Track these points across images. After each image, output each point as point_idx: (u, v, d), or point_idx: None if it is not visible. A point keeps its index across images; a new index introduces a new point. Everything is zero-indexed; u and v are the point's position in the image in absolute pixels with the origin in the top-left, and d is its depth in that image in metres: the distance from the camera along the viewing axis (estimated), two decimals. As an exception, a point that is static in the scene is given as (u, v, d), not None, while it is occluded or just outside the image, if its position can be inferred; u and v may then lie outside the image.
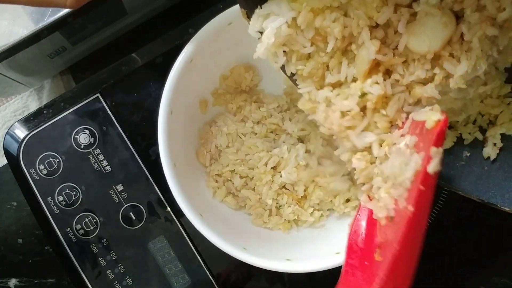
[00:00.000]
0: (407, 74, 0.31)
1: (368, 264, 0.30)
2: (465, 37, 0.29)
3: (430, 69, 0.30)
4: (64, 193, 0.45)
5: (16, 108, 0.58)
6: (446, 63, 0.29)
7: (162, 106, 0.38)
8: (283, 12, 0.30)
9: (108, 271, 0.44)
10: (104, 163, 0.45)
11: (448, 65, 0.29)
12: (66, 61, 0.54)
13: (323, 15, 0.30)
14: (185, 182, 0.40)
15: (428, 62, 0.30)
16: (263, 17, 0.31)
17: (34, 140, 0.46)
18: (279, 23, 0.30)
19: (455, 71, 0.29)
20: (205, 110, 0.46)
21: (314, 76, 0.33)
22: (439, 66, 0.30)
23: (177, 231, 0.45)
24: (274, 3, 0.31)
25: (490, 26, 0.28)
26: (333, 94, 0.32)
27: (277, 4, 0.31)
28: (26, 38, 0.42)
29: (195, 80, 0.42)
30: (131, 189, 0.45)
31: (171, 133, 0.39)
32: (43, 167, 0.45)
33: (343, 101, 0.31)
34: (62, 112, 0.46)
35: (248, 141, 0.44)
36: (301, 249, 0.41)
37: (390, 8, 0.29)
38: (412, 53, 0.30)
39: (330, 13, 0.30)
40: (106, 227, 0.45)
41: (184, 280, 0.44)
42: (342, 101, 0.31)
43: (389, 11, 0.29)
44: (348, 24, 0.30)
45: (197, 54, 0.39)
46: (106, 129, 0.46)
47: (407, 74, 0.31)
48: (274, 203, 0.43)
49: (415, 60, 0.30)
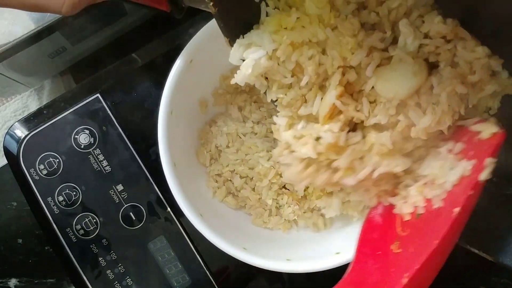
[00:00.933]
0: (371, 116, 0.31)
1: (381, 254, 0.31)
2: (434, 90, 0.29)
3: (394, 114, 0.30)
4: (64, 193, 0.45)
5: (16, 108, 0.58)
6: (412, 112, 0.29)
7: (162, 106, 0.38)
8: (264, 43, 0.30)
9: (108, 271, 0.44)
10: (104, 163, 0.45)
11: (413, 114, 0.29)
12: (66, 61, 0.54)
13: (301, 50, 0.30)
14: (185, 182, 0.40)
15: (394, 107, 0.30)
16: (245, 47, 0.31)
17: (34, 140, 0.46)
18: (259, 55, 0.30)
19: (418, 122, 0.29)
20: (205, 110, 0.46)
21: (293, 106, 0.33)
22: (404, 114, 0.30)
23: (177, 231, 0.45)
24: (256, 33, 0.31)
25: (461, 84, 0.28)
26: (293, 139, 0.32)
27: (259, 35, 0.31)
28: (26, 38, 0.42)
29: (195, 80, 0.42)
30: (131, 189, 0.45)
31: (171, 133, 0.39)
32: (43, 167, 0.45)
33: (302, 148, 0.31)
34: (62, 112, 0.46)
35: (248, 141, 0.44)
36: (301, 249, 0.41)
37: (363, 52, 0.30)
38: (379, 96, 0.30)
39: (308, 49, 0.30)
40: (106, 227, 0.45)
41: (184, 280, 0.44)
42: (301, 147, 0.31)
43: (361, 54, 0.30)
44: (323, 62, 0.31)
45: (197, 54, 0.39)
46: (106, 129, 0.46)
47: (371, 116, 0.31)
48: (274, 203, 0.43)
49: (381, 103, 0.31)
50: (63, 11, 0.32)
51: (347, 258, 0.36)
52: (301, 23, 0.31)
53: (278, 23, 0.31)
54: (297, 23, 0.31)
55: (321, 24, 0.30)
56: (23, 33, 0.41)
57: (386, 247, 0.31)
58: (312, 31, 0.30)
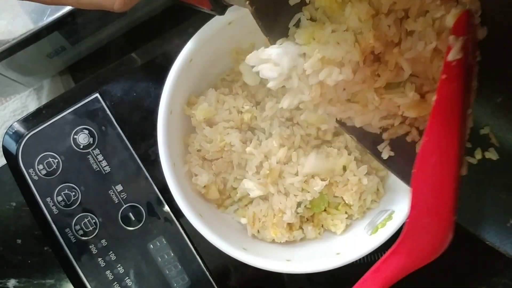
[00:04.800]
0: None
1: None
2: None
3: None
4: (63, 194, 0.45)
5: (15, 108, 0.58)
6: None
7: (161, 106, 0.38)
8: (283, 64, 0.29)
9: (108, 271, 0.44)
10: (103, 163, 0.45)
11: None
12: (65, 61, 0.54)
13: (331, 69, 0.29)
14: (185, 182, 0.40)
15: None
16: (260, 60, 0.30)
17: (33, 140, 0.45)
18: (272, 75, 0.29)
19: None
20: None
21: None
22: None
23: (177, 231, 0.45)
24: (276, 52, 0.29)
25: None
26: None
27: (279, 55, 0.29)
28: (25, 38, 0.42)
29: (195, 80, 0.42)
30: (131, 190, 0.45)
31: (170, 133, 0.39)
32: (42, 167, 0.45)
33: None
34: (61, 112, 0.46)
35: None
36: (301, 249, 0.41)
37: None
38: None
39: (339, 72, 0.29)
40: (105, 227, 0.44)
41: (184, 281, 0.44)
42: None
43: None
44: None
45: (197, 53, 0.39)
46: (106, 129, 0.46)
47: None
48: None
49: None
50: (115, 7, 0.33)
51: (348, 258, 0.36)
52: (335, 39, 0.29)
53: (310, 36, 0.30)
54: (331, 38, 0.29)
55: (357, 44, 0.29)
56: (22, 33, 0.41)
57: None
58: (347, 49, 0.28)
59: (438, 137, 0.26)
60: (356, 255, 0.36)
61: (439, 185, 0.27)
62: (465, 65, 0.26)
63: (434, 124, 0.26)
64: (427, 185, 0.27)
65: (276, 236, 0.40)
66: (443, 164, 0.27)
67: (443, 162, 0.26)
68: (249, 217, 0.41)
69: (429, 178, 0.27)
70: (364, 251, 0.37)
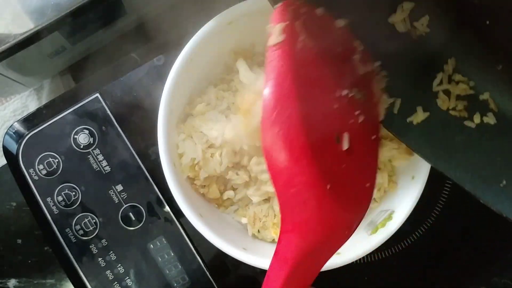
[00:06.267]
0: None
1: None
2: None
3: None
4: (63, 193, 0.45)
5: (15, 108, 0.58)
6: None
7: (162, 106, 0.38)
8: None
9: (108, 271, 0.44)
10: (104, 163, 0.45)
11: None
12: (65, 61, 0.53)
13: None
14: (185, 182, 0.40)
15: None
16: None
17: (33, 140, 0.45)
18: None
19: None
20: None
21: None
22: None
23: (177, 231, 0.45)
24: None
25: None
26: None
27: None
28: (25, 38, 0.42)
29: (195, 80, 0.42)
30: (131, 190, 0.45)
31: (171, 133, 0.39)
32: (43, 167, 0.45)
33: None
34: (61, 112, 0.46)
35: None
36: (301, 249, 0.41)
37: None
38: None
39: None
40: (105, 227, 0.44)
41: (184, 281, 0.44)
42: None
43: None
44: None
45: (197, 53, 0.39)
46: (106, 129, 0.46)
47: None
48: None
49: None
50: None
51: (348, 258, 0.36)
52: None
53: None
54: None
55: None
56: (22, 33, 0.41)
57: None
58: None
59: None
60: (356, 255, 0.36)
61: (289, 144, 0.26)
62: (291, 46, 0.26)
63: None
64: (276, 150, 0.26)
65: (277, 236, 0.40)
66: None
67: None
68: (250, 217, 0.41)
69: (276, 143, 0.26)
70: (364, 251, 0.36)
